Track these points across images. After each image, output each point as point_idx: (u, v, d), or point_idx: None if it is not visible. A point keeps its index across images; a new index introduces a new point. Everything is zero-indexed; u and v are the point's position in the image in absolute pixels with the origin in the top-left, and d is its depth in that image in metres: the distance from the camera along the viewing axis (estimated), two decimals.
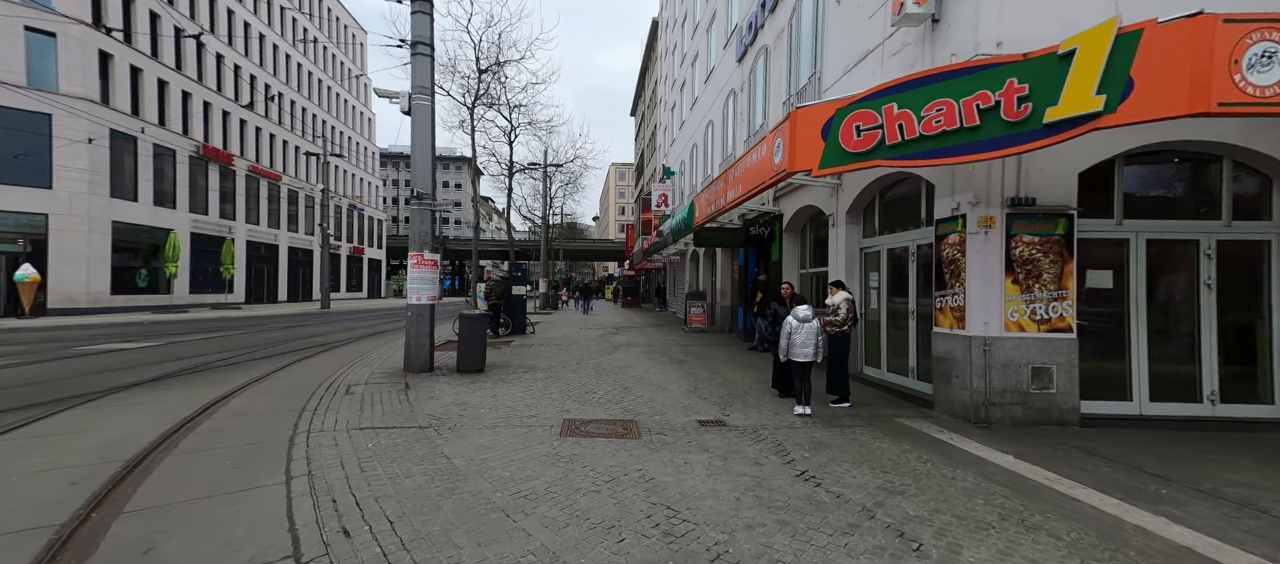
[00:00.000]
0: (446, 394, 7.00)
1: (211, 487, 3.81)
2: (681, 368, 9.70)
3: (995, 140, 4.58)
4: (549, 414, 6.08)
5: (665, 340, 14.40)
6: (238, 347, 12.31)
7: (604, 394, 7.35)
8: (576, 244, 63.97)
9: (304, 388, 7.24)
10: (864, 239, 8.68)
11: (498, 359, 10.26)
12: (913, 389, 7.20)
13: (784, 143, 6.30)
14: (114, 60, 23.74)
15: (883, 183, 7.89)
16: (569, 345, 12.96)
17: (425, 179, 8.78)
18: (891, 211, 8.15)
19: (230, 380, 7.96)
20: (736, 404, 6.85)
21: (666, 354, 11.61)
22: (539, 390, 7.43)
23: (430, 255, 8.77)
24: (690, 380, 8.47)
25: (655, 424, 5.77)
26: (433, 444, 4.76)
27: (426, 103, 8.72)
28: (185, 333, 15.49)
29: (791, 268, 11.87)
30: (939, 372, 6.28)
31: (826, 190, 9.40)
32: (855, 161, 5.51)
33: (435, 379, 8.06)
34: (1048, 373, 5.65)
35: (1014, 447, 4.98)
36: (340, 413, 5.84)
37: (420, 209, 8.74)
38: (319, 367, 9.37)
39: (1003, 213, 5.71)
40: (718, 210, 9.87)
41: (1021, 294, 5.70)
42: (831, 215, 9.23)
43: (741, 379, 8.58)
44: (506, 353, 11.26)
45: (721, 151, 17.12)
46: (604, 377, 8.68)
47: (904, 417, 6.15)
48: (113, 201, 23.53)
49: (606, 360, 10.53)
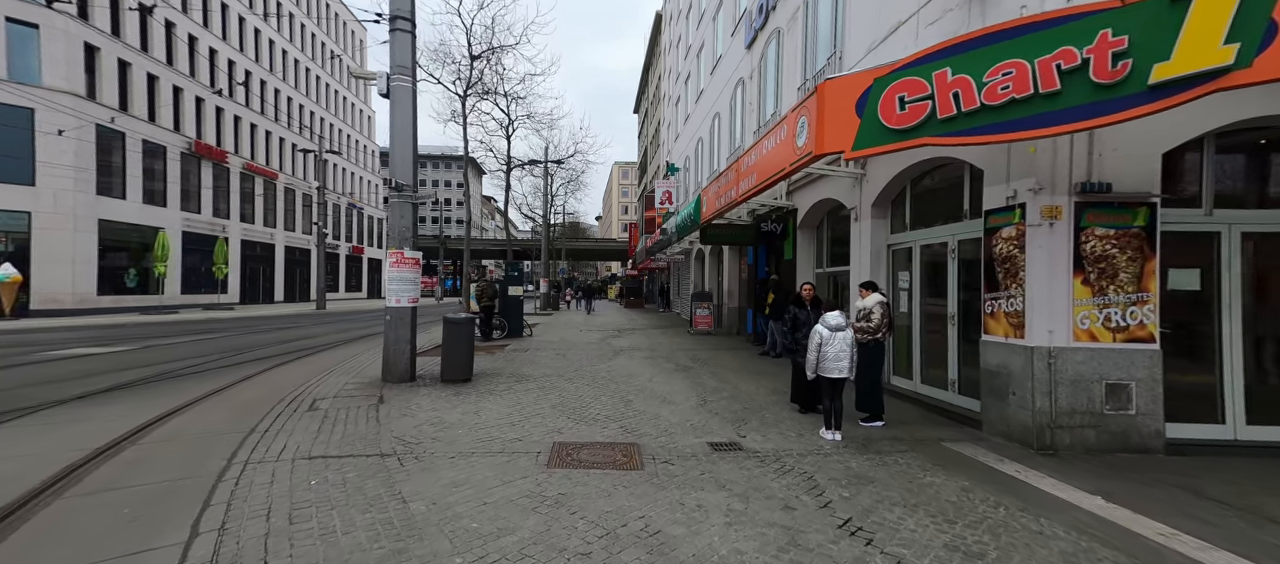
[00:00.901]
0: (423, 410, 6.16)
1: (87, 550, 2.97)
2: (688, 376, 8.85)
3: (1080, 109, 3.71)
4: (537, 436, 5.24)
5: (670, 344, 13.55)
6: (215, 351, 11.52)
7: (602, 409, 6.51)
8: (579, 243, 63.20)
9: (265, 402, 6.42)
10: (893, 235, 7.80)
11: (488, 366, 9.43)
12: (954, 405, 6.32)
13: (809, 122, 5.44)
14: (100, 53, 23.02)
15: (916, 170, 7.02)
16: (567, 350, 12.13)
17: (406, 168, 7.95)
18: (926, 203, 7.27)
19: (187, 392, 7.15)
20: (752, 422, 5.99)
21: (671, 360, 10.76)
22: (529, 405, 6.59)
23: (411, 253, 7.94)
24: (698, 391, 7.62)
25: (661, 448, 4.93)
26: (390, 482, 3.92)
27: (407, 84, 7.89)
28: (166, 336, 14.73)
29: (806, 267, 11.00)
30: (990, 386, 5.40)
31: (848, 181, 8.53)
32: (898, 140, 4.64)
33: (414, 391, 7.23)
34: (1125, 390, 4.77)
35: (1097, 482, 4.11)
36: (294, 436, 5.02)
37: (400, 201, 7.91)
38: (291, 375, 8.56)
39: (1070, 201, 4.84)
40: (728, 204, 9.02)
41: (1093, 297, 4.83)
42: (854, 209, 8.36)
43: (755, 390, 7.72)
44: (499, 359, 10.43)
45: (728, 145, 16.27)
46: (603, 387, 7.84)
47: (950, 440, 5.27)
48: (99, 199, 22.82)
49: (606, 367, 9.69)
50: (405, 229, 7.93)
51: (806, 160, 5.54)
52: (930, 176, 7.08)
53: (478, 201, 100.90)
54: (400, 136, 7.93)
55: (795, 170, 5.91)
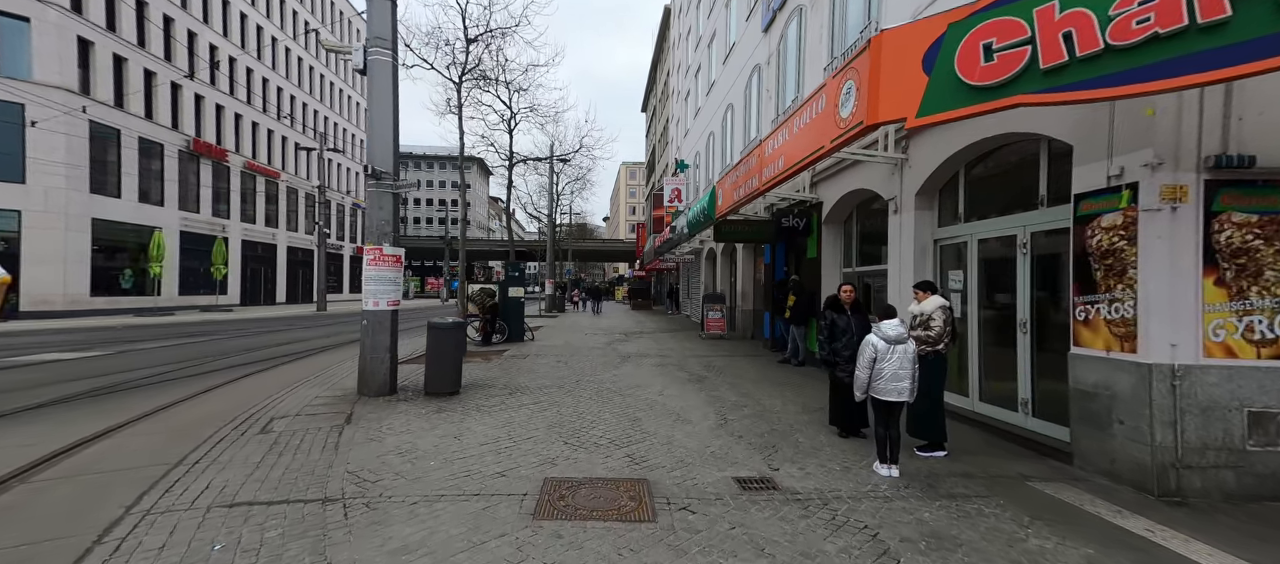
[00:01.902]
0: (395, 432, 5.23)
1: None
2: (703, 387, 7.87)
3: (1261, 43, 2.70)
4: (525, 469, 4.28)
5: (681, 349, 12.57)
6: (193, 357, 10.69)
7: (606, 429, 5.55)
8: (585, 244, 62.38)
9: (214, 421, 5.51)
10: (941, 228, 6.77)
11: (481, 376, 8.49)
12: (1026, 431, 5.28)
13: (858, 86, 4.45)
14: (94, 48, 22.43)
15: (976, 151, 5.99)
16: (570, 356, 11.18)
17: (385, 154, 7.04)
18: (986, 190, 6.23)
19: (132, 407, 6.27)
20: (784, 448, 5.01)
21: (683, 368, 9.78)
22: (521, 424, 5.64)
23: (392, 250, 7.03)
24: (717, 407, 6.64)
25: (676, 487, 3.96)
26: (320, 545, 2.97)
27: (386, 58, 6.98)
28: (150, 339, 13.96)
29: (832, 267, 9.97)
30: (1084, 412, 4.37)
31: (886, 168, 7.51)
32: (980, 101, 3.64)
33: (391, 407, 6.31)
34: (1275, 421, 3.73)
35: (1266, 552, 3.09)
36: (226, 471, 4.09)
37: (379, 191, 7.00)
38: (261, 386, 7.67)
39: (1199, 180, 3.81)
40: (747, 195, 8.03)
41: (1229, 301, 3.80)
42: (893, 200, 7.34)
43: (782, 407, 6.73)
44: (494, 367, 9.50)
45: (742, 138, 15.27)
46: (607, 401, 6.88)
47: (1038, 479, 4.25)
48: (93, 198, 22.22)
49: (612, 376, 8.73)
50: (384, 222, 7.01)
51: (854, 133, 4.55)
52: (991, 158, 6.05)
53: (484, 202, 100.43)
54: (379, 118, 7.03)
55: (838, 147, 4.91)
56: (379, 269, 6.94)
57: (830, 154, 5.34)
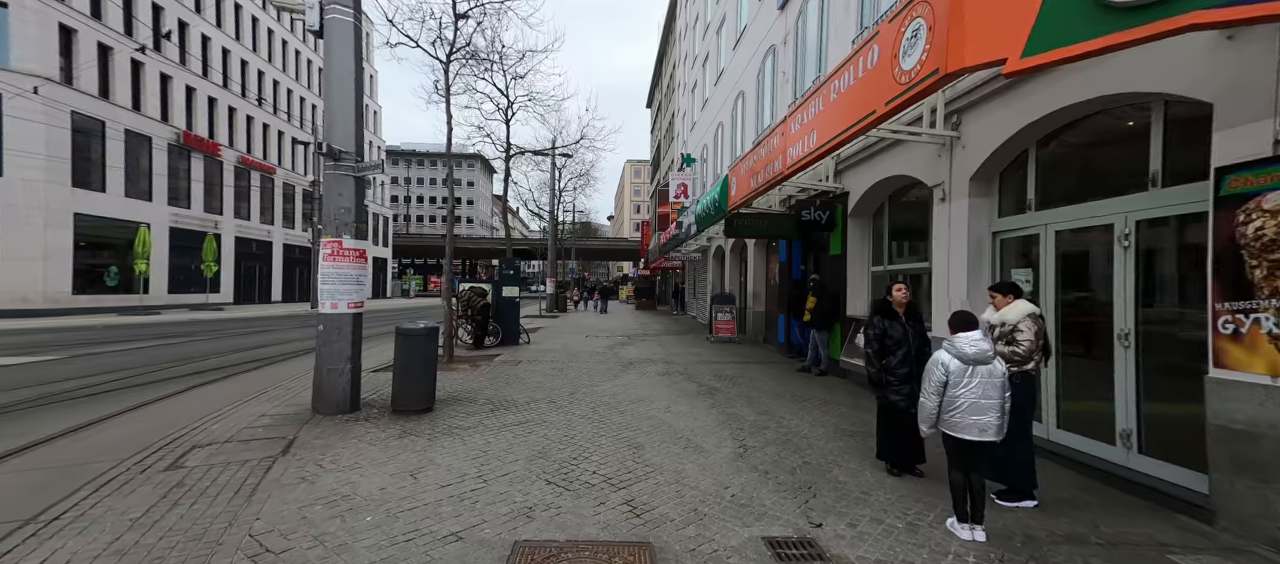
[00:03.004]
0: (338, 467, 4.20)
1: None
2: (715, 402, 6.82)
3: None
4: (492, 526, 3.25)
5: (688, 355, 11.52)
6: (151, 363, 9.72)
7: (601, 461, 4.52)
8: (588, 243, 61.41)
9: (118, 450, 4.51)
10: (1002, 219, 5.69)
11: (462, 387, 7.47)
12: (1133, 472, 4.19)
13: (930, 24, 3.38)
14: (78, 36, 21.57)
15: (1054, 122, 4.90)
16: (567, 362, 10.16)
17: (346, 129, 6.02)
18: (1066, 170, 5.14)
19: (41, 427, 5.27)
20: (823, 491, 3.96)
21: (692, 377, 8.73)
22: (498, 454, 4.61)
23: (354, 243, 6.01)
24: (733, 429, 5.59)
25: (690, 553, 2.94)
26: None
27: (346, 18, 5.95)
28: (120, 341, 13.02)
29: (859, 265, 8.90)
30: (1234, 457, 3.29)
31: (930, 150, 6.44)
32: (1127, 26, 2.57)
33: (346, 429, 5.28)
34: None
35: None
36: (86, 533, 3.07)
37: (338, 174, 5.97)
38: (203, 400, 6.66)
39: None
40: (769, 181, 6.96)
41: None
42: (939, 186, 6.26)
43: (811, 429, 5.67)
44: (481, 375, 8.47)
45: (754, 127, 14.21)
46: (604, 421, 5.84)
47: (1182, 550, 3.17)
48: (75, 192, 21.37)
49: (611, 388, 7.69)
50: (344, 211, 5.99)
51: (924, 86, 3.47)
52: (1075, 130, 4.95)
53: (488, 200, 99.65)
54: (338, 87, 6.00)
55: (900, 107, 3.82)
56: (337, 265, 5.92)
57: (885, 120, 4.26)
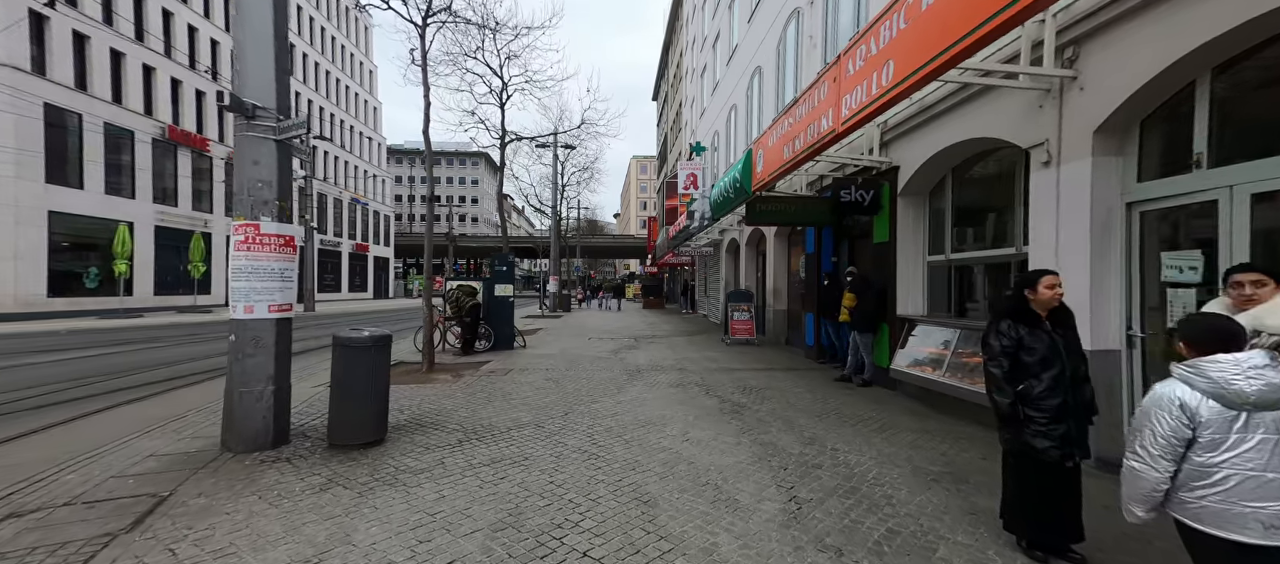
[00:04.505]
0: (212, 542, 2.80)
1: None
2: (745, 426, 5.37)
3: None
4: None
5: (703, 360, 10.07)
6: (78, 376, 8.40)
7: (594, 531, 3.11)
8: (593, 240, 60.05)
9: None
10: (1143, 184, 4.19)
11: (434, 404, 6.08)
12: None
13: None
14: (50, 23, 20.40)
15: (1247, 34, 3.40)
16: (564, 370, 8.75)
17: (263, 76, 4.61)
18: (1262, 107, 3.63)
19: None
20: None
21: (711, 389, 7.29)
22: (448, 523, 3.19)
23: (276, 227, 4.62)
24: (775, 470, 4.16)
25: None
26: None
27: None
28: (69, 348, 11.76)
29: (912, 254, 7.42)
30: None
31: (1024, 102, 4.95)
32: None
33: (251, 478, 3.89)
34: None
35: None
36: None
37: (252, 135, 4.57)
38: (94, 430, 5.27)
39: None
40: (813, 145, 5.48)
41: None
42: (1040, 147, 4.76)
43: (879, 470, 4.21)
44: (459, 389, 7.07)
45: (775, 104, 12.72)
46: (603, 457, 4.41)
47: None
48: (50, 188, 20.23)
49: (613, 405, 6.26)
50: (262, 184, 4.58)
51: None
52: (1273, 51, 3.44)
53: (492, 199, 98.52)
54: (255, 20, 4.59)
55: None
56: (254, 256, 4.52)
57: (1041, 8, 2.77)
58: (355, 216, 45.64)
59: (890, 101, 4.03)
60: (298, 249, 4.85)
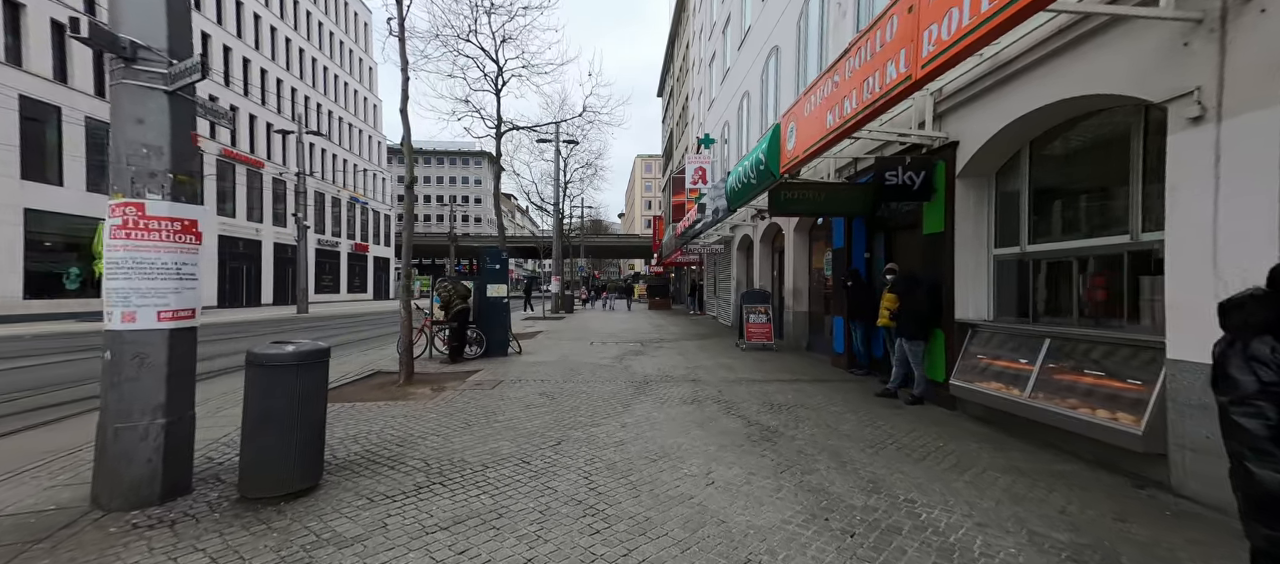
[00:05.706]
0: None
1: None
2: (780, 458, 4.18)
3: None
4: None
5: (718, 369, 8.88)
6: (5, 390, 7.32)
7: None
8: (597, 239, 58.95)
9: None
10: None
11: (398, 429, 4.92)
12: None
13: None
14: (26, 11, 19.45)
15: None
16: (562, 382, 7.59)
17: (148, 7, 3.46)
18: None
19: None
20: None
21: (733, 408, 6.11)
22: None
23: (166, 208, 3.47)
24: (837, 540, 2.97)
25: None
26: None
27: None
28: (19, 357, 10.72)
29: (974, 247, 6.21)
30: None
31: (1157, 40, 3.74)
32: None
33: (112, 555, 2.74)
34: None
35: None
36: None
37: (135, 84, 3.42)
38: None
39: None
40: (874, 103, 4.29)
41: None
42: (1190, 96, 3.56)
43: (989, 539, 3.00)
44: (436, 407, 5.92)
45: (794, 86, 11.54)
46: (601, 513, 3.22)
47: None
48: (25, 185, 19.26)
49: (617, 431, 5.08)
50: (147, 151, 3.43)
51: None
52: None
53: (491, 196, 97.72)
54: None
55: None
56: (135, 245, 3.37)
57: None
58: (355, 216, 44.70)
59: (1006, 21, 2.83)
60: (200, 238, 3.70)
